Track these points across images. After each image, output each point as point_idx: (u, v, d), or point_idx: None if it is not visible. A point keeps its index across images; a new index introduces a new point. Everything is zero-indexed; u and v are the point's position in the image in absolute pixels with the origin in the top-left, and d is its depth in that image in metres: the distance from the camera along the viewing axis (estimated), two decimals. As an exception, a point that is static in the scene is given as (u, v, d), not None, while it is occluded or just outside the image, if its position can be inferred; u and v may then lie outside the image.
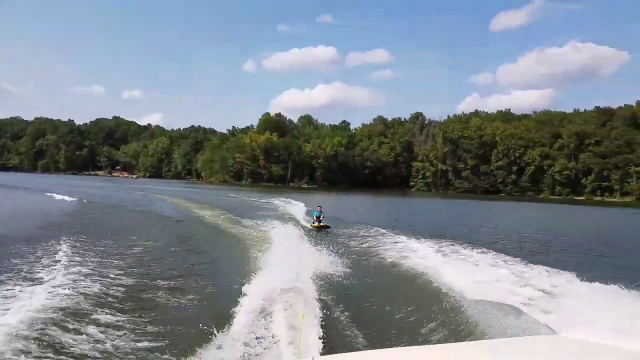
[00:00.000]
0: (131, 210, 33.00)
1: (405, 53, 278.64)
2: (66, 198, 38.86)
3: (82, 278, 11.26)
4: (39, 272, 11.63)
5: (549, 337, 4.22)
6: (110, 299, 9.90)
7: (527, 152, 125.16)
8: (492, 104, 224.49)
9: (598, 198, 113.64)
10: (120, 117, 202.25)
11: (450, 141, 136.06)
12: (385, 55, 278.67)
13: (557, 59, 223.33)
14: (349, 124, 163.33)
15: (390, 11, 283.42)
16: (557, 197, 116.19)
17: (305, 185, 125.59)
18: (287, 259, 13.78)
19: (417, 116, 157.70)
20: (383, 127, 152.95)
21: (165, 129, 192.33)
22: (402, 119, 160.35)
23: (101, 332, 7.95)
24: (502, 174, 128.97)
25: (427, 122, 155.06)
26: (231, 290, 10.47)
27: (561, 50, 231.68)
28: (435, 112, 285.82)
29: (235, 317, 8.72)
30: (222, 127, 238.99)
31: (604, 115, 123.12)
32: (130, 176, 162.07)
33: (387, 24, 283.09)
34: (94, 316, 8.69)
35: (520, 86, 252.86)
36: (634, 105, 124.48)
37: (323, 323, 8.66)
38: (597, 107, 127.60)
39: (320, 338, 7.73)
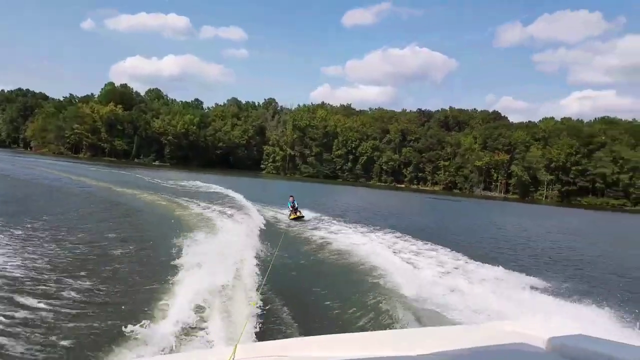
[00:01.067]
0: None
1: (262, 35, 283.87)
2: None
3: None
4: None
5: (480, 325, 4.43)
6: (27, 287, 8.96)
7: (361, 143, 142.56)
8: (341, 96, 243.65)
9: (414, 186, 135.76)
10: None
11: (299, 129, 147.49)
12: (241, 33, 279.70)
13: (398, 60, 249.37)
14: (201, 102, 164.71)
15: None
16: (383, 184, 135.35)
17: (157, 163, 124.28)
18: (230, 246, 13.76)
19: (270, 102, 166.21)
20: (237, 109, 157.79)
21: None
22: (256, 103, 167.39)
23: (15, 329, 7.10)
24: (341, 162, 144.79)
25: (279, 108, 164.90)
26: (166, 278, 10.07)
27: (402, 52, 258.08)
28: (289, 97, 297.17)
29: (171, 305, 8.41)
30: (55, 93, 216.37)
31: (424, 116, 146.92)
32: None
33: (245, 2, 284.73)
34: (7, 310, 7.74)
35: (365, 81, 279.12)
36: (448, 109, 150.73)
37: (262, 312, 8.69)
38: (419, 109, 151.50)
39: (256, 326, 7.83)
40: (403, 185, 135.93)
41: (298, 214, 24.44)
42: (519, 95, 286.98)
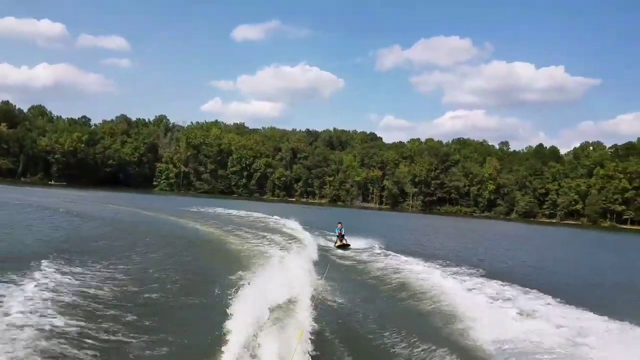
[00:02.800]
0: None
1: (147, 45, 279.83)
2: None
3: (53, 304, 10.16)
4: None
5: None
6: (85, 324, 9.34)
7: (255, 161, 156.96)
8: (234, 110, 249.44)
9: (304, 199, 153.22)
10: None
11: (192, 146, 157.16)
12: (123, 43, 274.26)
13: (289, 77, 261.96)
14: (89, 119, 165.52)
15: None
16: (276, 198, 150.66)
17: (52, 182, 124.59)
18: (283, 276, 13.85)
19: (161, 119, 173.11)
20: (127, 126, 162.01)
21: None
22: (147, 120, 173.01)
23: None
24: (236, 178, 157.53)
25: (171, 125, 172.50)
26: (222, 308, 10.42)
27: (293, 70, 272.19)
28: (178, 110, 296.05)
29: (228, 337, 8.85)
30: None
31: (312, 136, 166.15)
32: None
33: (127, 13, 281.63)
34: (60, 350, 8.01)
35: (258, 97, 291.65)
36: (332, 130, 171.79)
37: (314, 346, 9.00)
38: (307, 129, 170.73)
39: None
40: (294, 199, 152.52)
41: (344, 241, 24.48)
42: (399, 114, 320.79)
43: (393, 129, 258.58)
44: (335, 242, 24.95)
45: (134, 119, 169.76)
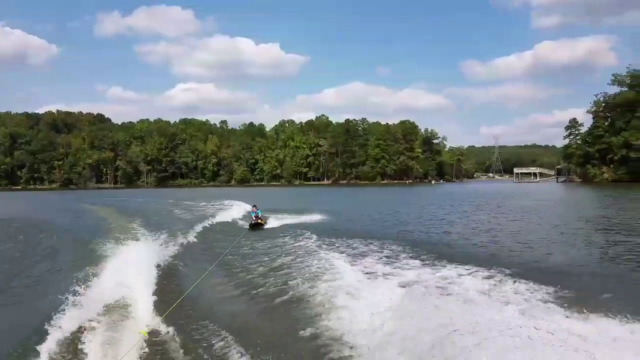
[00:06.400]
0: None
1: None
2: None
3: None
4: None
5: None
6: None
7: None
8: None
9: (32, 187, 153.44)
10: None
11: None
12: None
13: None
14: None
15: None
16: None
17: None
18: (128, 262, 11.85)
19: None
20: None
21: None
22: None
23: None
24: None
25: None
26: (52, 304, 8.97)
27: None
28: None
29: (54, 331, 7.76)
30: None
31: (32, 119, 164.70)
32: None
33: None
34: None
35: None
36: (55, 112, 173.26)
37: (150, 346, 7.86)
38: (26, 112, 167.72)
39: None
40: (20, 187, 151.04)
41: (259, 221, 24.19)
42: (128, 86, 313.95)
43: (123, 101, 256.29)
44: (250, 224, 24.20)
45: None
